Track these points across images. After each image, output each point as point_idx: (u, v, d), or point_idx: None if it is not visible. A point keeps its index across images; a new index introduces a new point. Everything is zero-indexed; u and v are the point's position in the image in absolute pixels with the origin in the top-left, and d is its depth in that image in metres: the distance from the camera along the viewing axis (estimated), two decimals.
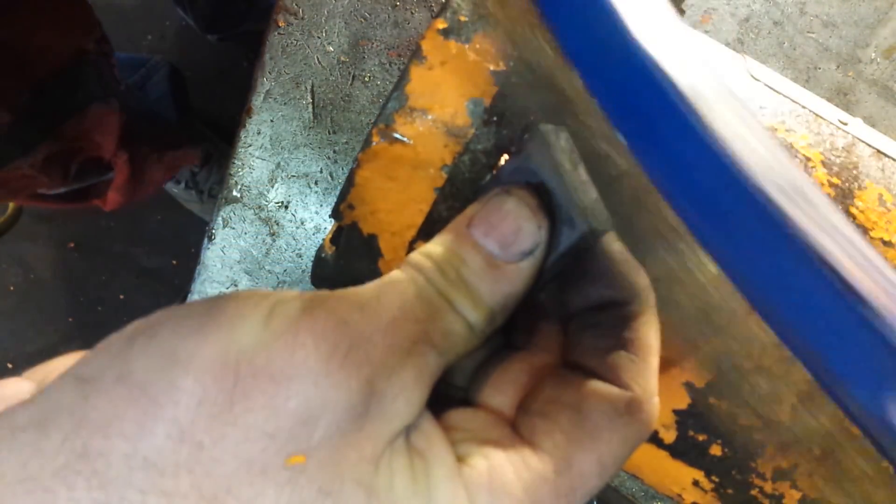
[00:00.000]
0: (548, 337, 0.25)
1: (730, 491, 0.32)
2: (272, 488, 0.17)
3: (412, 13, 0.56)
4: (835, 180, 0.30)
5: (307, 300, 0.19)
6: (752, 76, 0.32)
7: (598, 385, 0.21)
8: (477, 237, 0.21)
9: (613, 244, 0.23)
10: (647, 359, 0.22)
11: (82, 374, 0.18)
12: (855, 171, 0.31)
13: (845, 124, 0.32)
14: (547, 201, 0.22)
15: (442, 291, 0.21)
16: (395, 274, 0.21)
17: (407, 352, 0.19)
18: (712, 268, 0.23)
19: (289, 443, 0.17)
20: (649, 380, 0.22)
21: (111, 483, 0.16)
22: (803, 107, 0.32)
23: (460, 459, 0.20)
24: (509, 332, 0.26)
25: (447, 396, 0.25)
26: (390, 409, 0.19)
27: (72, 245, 1.52)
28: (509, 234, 0.21)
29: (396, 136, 0.29)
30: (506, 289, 0.21)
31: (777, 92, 0.32)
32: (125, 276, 1.52)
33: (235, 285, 0.59)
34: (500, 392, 0.23)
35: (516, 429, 0.21)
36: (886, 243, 0.30)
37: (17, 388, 0.20)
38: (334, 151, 0.57)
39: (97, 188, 0.94)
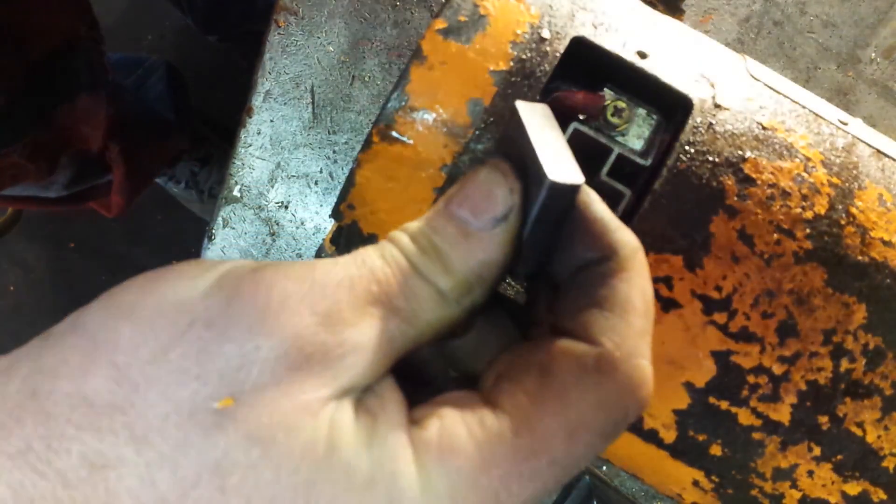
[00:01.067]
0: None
1: (730, 491, 0.32)
2: (199, 431, 0.17)
3: (412, 13, 0.56)
4: (835, 180, 0.30)
5: (262, 263, 0.20)
6: (752, 76, 0.32)
7: (566, 343, 0.20)
8: (452, 208, 0.21)
9: (592, 205, 0.22)
10: (623, 316, 0.20)
11: (49, 330, 0.19)
12: (855, 171, 0.31)
13: (845, 124, 0.32)
14: (522, 169, 0.22)
15: (410, 258, 0.21)
16: (367, 247, 0.21)
17: (361, 311, 0.19)
18: None
19: (220, 388, 0.17)
20: (626, 337, 0.20)
21: (53, 419, 0.17)
22: (803, 107, 0.32)
23: (415, 422, 0.19)
24: (527, 328, 0.25)
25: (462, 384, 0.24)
26: (337, 364, 0.18)
27: (72, 245, 1.52)
28: (481, 201, 0.21)
29: (396, 136, 0.29)
30: (479, 256, 0.21)
31: (777, 92, 0.32)
32: (125, 276, 1.51)
33: None
34: (491, 374, 0.22)
35: (485, 395, 0.20)
36: (886, 243, 0.30)
37: None
38: (334, 151, 0.57)
39: (95, 190, 0.94)
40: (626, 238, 0.21)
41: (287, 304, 0.18)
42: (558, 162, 0.21)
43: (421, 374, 0.24)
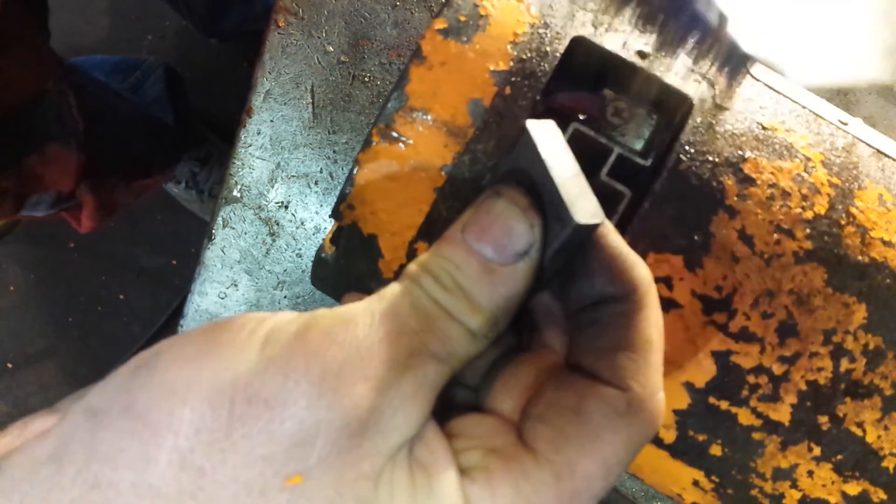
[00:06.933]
0: (554, 338, 0.25)
1: (730, 491, 0.32)
2: None
3: (412, 13, 0.56)
4: (835, 180, 0.30)
5: (301, 324, 0.19)
6: (752, 76, 0.32)
7: (597, 387, 0.21)
8: (471, 242, 0.21)
9: (609, 237, 0.22)
10: (646, 356, 0.21)
11: (91, 406, 0.18)
12: (855, 171, 0.31)
13: (845, 124, 0.32)
14: (538, 199, 0.22)
15: (437, 300, 0.21)
16: (392, 287, 0.21)
17: (404, 365, 0.19)
18: None
19: (286, 464, 0.18)
20: (650, 377, 0.21)
21: None
22: (803, 107, 0.32)
23: (463, 472, 0.20)
24: (519, 333, 0.25)
25: (458, 398, 0.25)
26: (389, 424, 0.19)
27: (72, 245, 1.51)
28: (501, 237, 0.21)
29: (396, 136, 0.29)
30: (503, 291, 0.21)
31: (777, 92, 0.32)
32: (125, 276, 1.52)
33: (235, 285, 0.59)
34: (508, 396, 0.23)
35: (520, 434, 0.21)
36: (886, 243, 0.30)
37: (47, 424, 0.20)
38: (334, 151, 0.57)
39: (67, 207, 0.95)
40: (643, 274, 0.22)
41: (341, 376, 0.18)
42: (579, 198, 0.21)
43: None
